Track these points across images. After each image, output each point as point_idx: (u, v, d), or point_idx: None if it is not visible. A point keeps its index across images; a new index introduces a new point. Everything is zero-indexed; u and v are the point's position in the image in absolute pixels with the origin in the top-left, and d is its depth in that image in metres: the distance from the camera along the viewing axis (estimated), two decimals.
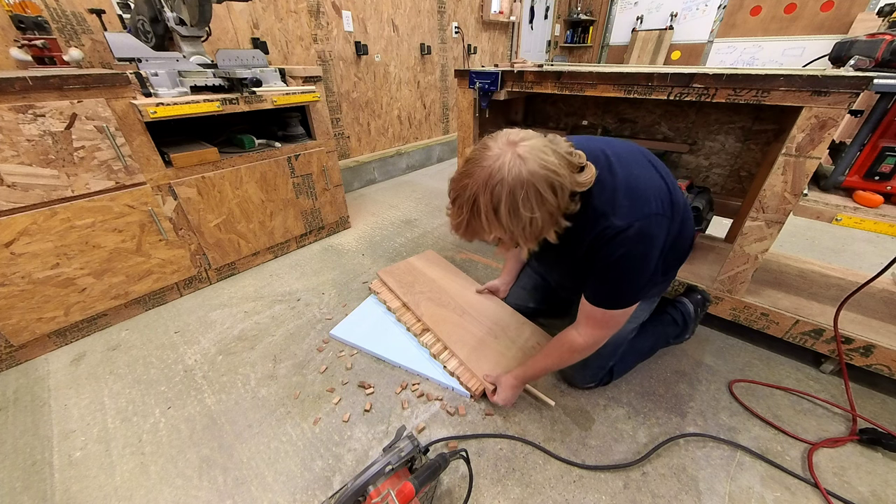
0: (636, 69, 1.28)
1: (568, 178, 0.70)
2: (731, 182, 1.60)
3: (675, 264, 1.05)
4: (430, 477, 0.75)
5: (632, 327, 1.10)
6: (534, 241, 0.75)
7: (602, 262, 0.79)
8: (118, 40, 1.32)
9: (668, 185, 0.83)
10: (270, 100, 1.57)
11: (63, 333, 1.37)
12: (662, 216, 0.78)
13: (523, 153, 0.66)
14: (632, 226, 0.74)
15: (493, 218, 0.68)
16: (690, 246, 1.05)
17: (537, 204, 0.66)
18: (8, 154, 1.10)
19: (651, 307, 1.13)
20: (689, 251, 1.06)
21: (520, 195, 0.65)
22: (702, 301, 1.27)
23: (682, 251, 1.02)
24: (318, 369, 1.26)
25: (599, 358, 1.09)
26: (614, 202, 0.76)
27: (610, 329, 0.89)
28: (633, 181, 0.78)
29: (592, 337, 0.90)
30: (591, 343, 0.91)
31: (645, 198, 0.77)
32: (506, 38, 4.14)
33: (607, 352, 1.08)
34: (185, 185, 1.47)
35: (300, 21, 2.25)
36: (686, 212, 0.95)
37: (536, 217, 0.67)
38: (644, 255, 0.77)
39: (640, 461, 0.96)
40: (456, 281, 1.60)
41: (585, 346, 0.91)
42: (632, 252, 0.76)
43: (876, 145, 1.00)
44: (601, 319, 0.86)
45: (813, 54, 3.99)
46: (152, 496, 0.91)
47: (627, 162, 0.82)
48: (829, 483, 0.91)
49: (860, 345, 1.10)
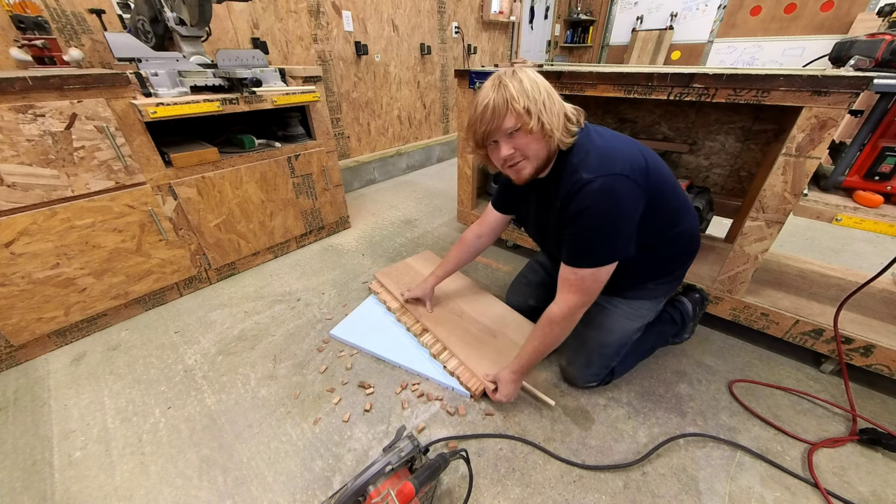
0: (636, 69, 1.28)
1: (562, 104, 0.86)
2: (731, 182, 1.60)
3: (680, 263, 1.06)
4: (430, 477, 0.75)
5: (637, 326, 1.10)
6: (548, 130, 0.82)
7: (571, 215, 0.85)
8: (118, 40, 1.32)
9: (648, 164, 0.87)
10: (270, 100, 1.57)
11: (63, 333, 1.37)
12: (628, 178, 0.81)
13: (515, 70, 0.83)
14: (596, 179, 0.80)
15: (519, 86, 0.80)
16: (695, 246, 1.06)
17: (546, 85, 0.82)
18: (8, 154, 1.10)
19: (657, 307, 1.12)
20: (695, 252, 1.06)
21: (536, 77, 0.82)
22: (700, 300, 1.27)
23: (686, 249, 1.03)
24: (318, 369, 1.26)
25: (603, 357, 1.10)
26: (586, 160, 0.84)
27: (582, 294, 0.90)
28: (608, 148, 0.85)
29: (567, 303, 0.92)
30: (567, 312, 0.92)
31: (614, 159, 0.83)
32: (506, 38, 4.14)
33: (611, 352, 1.10)
34: (185, 185, 1.47)
35: (300, 21, 2.25)
36: (684, 208, 0.97)
37: (552, 93, 0.82)
38: (609, 210, 0.82)
39: (640, 461, 0.96)
40: (455, 281, 1.60)
41: (562, 316, 0.93)
42: (597, 206, 0.81)
43: (876, 145, 1.00)
44: (573, 282, 0.90)
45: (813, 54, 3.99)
46: (152, 496, 0.91)
47: (610, 136, 0.90)
48: (829, 483, 0.91)
49: (860, 345, 1.10)
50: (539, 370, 1.24)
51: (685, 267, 1.08)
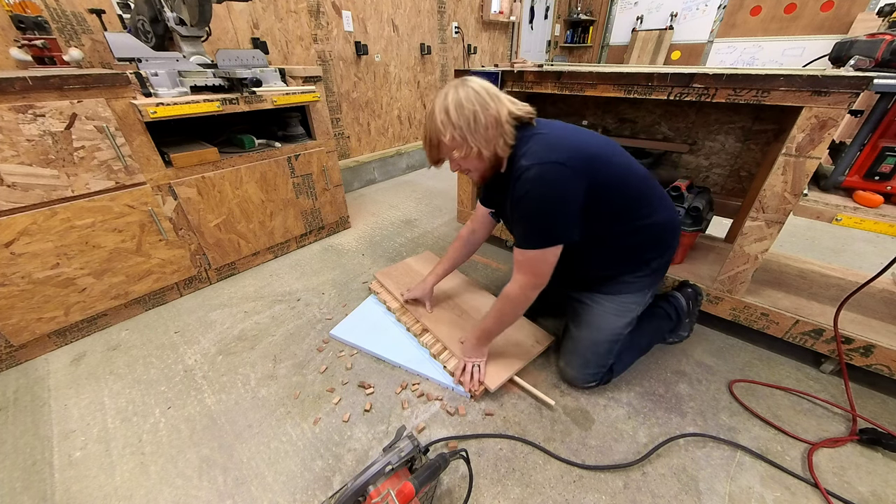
0: (636, 69, 1.28)
1: (506, 98, 0.92)
2: (731, 182, 1.60)
3: (656, 254, 1.06)
4: (430, 477, 0.75)
5: (625, 322, 1.10)
6: (485, 147, 0.90)
7: (514, 201, 0.92)
8: (118, 40, 1.32)
9: (595, 154, 0.91)
10: (270, 100, 1.57)
11: (63, 333, 1.37)
12: (564, 166, 0.86)
13: (465, 80, 0.92)
14: (533, 166, 0.86)
15: (444, 117, 0.89)
16: (669, 238, 1.07)
17: (477, 102, 0.87)
18: (8, 154, 1.10)
19: (643, 301, 1.12)
20: (670, 244, 1.08)
21: (462, 98, 0.88)
22: (693, 295, 1.27)
23: (658, 240, 1.05)
24: (318, 369, 1.26)
25: (598, 356, 1.11)
26: (530, 150, 0.89)
27: (532, 275, 0.95)
28: (552, 138, 0.91)
29: (518, 283, 0.98)
30: (519, 290, 0.98)
31: (553, 148, 0.88)
32: (506, 38, 4.14)
33: (604, 350, 1.10)
34: (185, 185, 1.47)
35: (300, 21, 2.25)
36: (654, 199, 1.01)
37: (478, 111, 0.87)
38: (545, 195, 0.87)
39: (640, 461, 0.96)
40: (454, 281, 1.60)
41: (515, 294, 0.99)
42: (534, 191, 0.87)
43: (876, 145, 1.00)
44: (522, 263, 0.96)
45: (813, 54, 3.99)
46: (152, 496, 0.91)
47: (560, 128, 0.95)
48: (829, 483, 0.91)
49: (860, 345, 1.10)
50: (539, 370, 1.24)
51: (663, 258, 1.08)
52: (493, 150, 0.92)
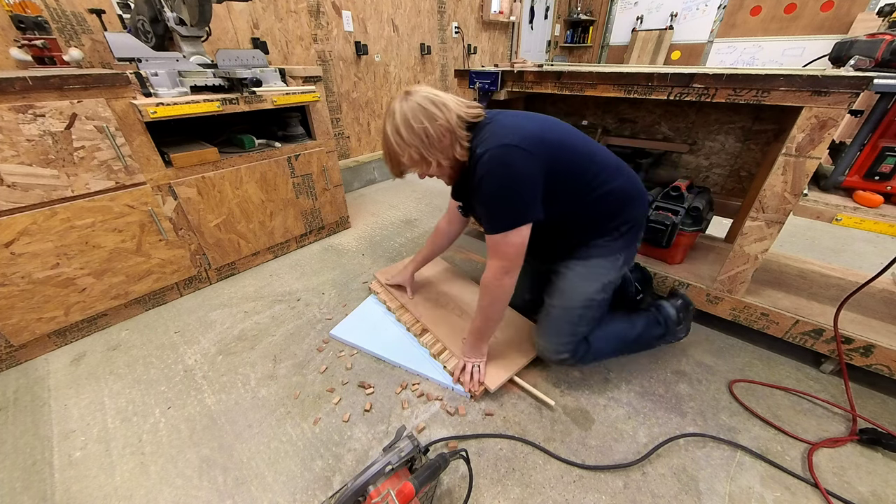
0: (636, 69, 1.28)
1: (453, 102, 0.93)
2: (731, 182, 1.60)
3: (622, 220, 1.06)
4: (430, 477, 0.75)
5: (596, 287, 1.07)
6: (443, 156, 0.94)
7: (474, 188, 0.94)
8: (118, 40, 1.32)
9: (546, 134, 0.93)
10: (270, 100, 1.57)
11: (63, 333, 1.37)
12: (517, 147, 0.88)
13: (410, 92, 0.93)
14: (486, 152, 0.89)
15: (398, 139, 0.92)
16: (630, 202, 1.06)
17: (425, 117, 0.89)
18: (8, 154, 1.10)
19: (615, 266, 1.09)
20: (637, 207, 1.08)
21: (409, 114, 0.90)
22: (683, 306, 1.23)
23: (622, 206, 1.05)
24: (318, 369, 1.26)
25: (570, 324, 1.09)
26: (484, 139, 0.92)
27: (502, 259, 0.96)
28: (503, 125, 0.94)
29: (491, 269, 0.99)
30: (492, 276, 0.99)
31: (504, 133, 0.90)
32: (506, 38, 4.14)
33: (576, 317, 1.08)
34: (185, 185, 1.47)
35: (300, 21, 2.25)
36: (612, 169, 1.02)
37: (428, 127, 0.89)
38: (501, 177, 0.89)
39: (640, 461, 0.96)
40: (454, 281, 1.60)
41: (489, 281, 1.00)
42: (490, 174, 0.89)
43: (876, 145, 1.00)
44: (491, 247, 0.97)
45: (813, 54, 3.99)
46: (152, 496, 0.91)
47: (511, 116, 0.97)
48: (829, 483, 0.91)
49: (860, 345, 1.10)
50: (539, 370, 1.24)
51: (630, 222, 1.06)
52: (451, 157, 0.95)
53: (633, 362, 1.27)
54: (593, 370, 1.24)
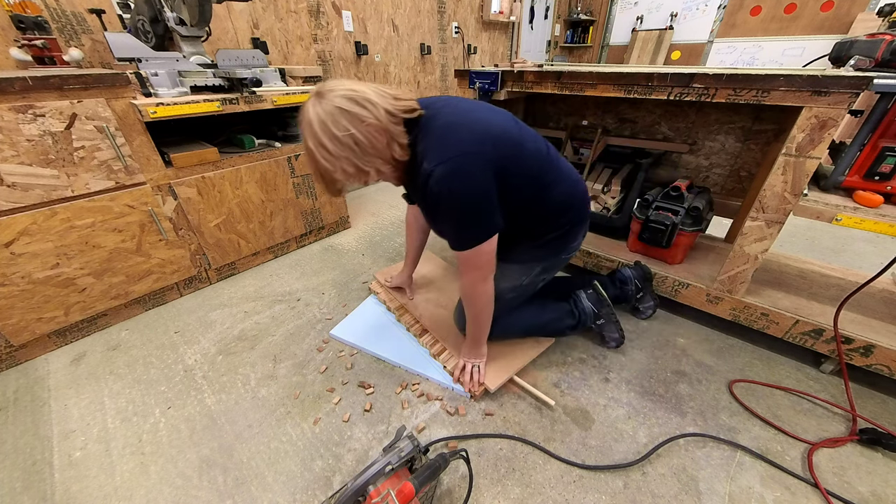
0: (636, 69, 1.28)
1: (377, 95, 0.79)
2: (731, 182, 1.60)
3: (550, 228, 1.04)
4: (430, 477, 0.75)
5: (507, 286, 1.09)
6: (381, 161, 0.83)
7: (430, 208, 0.87)
8: (118, 40, 1.32)
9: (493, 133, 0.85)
10: (270, 100, 1.57)
11: (63, 333, 1.37)
12: (467, 155, 0.80)
13: (321, 93, 0.77)
14: (438, 167, 0.78)
15: (325, 154, 0.77)
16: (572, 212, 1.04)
17: (349, 121, 0.76)
18: (8, 154, 1.10)
19: (530, 272, 1.11)
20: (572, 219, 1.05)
21: (329, 122, 0.75)
22: (595, 297, 1.25)
23: (559, 215, 1.02)
24: (318, 369, 1.26)
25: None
26: (428, 146, 0.82)
27: (474, 270, 0.93)
28: (445, 127, 0.83)
29: (464, 281, 0.96)
30: (470, 286, 0.96)
31: (451, 140, 0.81)
32: (506, 38, 4.14)
33: None
34: (185, 185, 1.47)
35: (300, 21, 2.25)
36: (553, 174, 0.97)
37: (355, 133, 0.76)
38: (460, 194, 0.81)
39: (640, 461, 0.96)
40: (454, 281, 1.60)
41: (468, 292, 0.98)
42: (449, 193, 0.80)
43: (876, 145, 1.00)
44: (462, 262, 0.93)
45: (813, 54, 3.99)
46: (152, 496, 0.91)
47: (450, 111, 0.86)
48: (829, 483, 0.91)
49: (860, 345, 1.10)
50: (539, 370, 1.24)
51: (564, 230, 1.05)
52: (390, 158, 0.84)
53: (633, 362, 1.27)
54: (593, 370, 1.24)
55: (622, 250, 1.58)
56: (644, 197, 1.47)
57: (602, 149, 1.75)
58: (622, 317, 1.46)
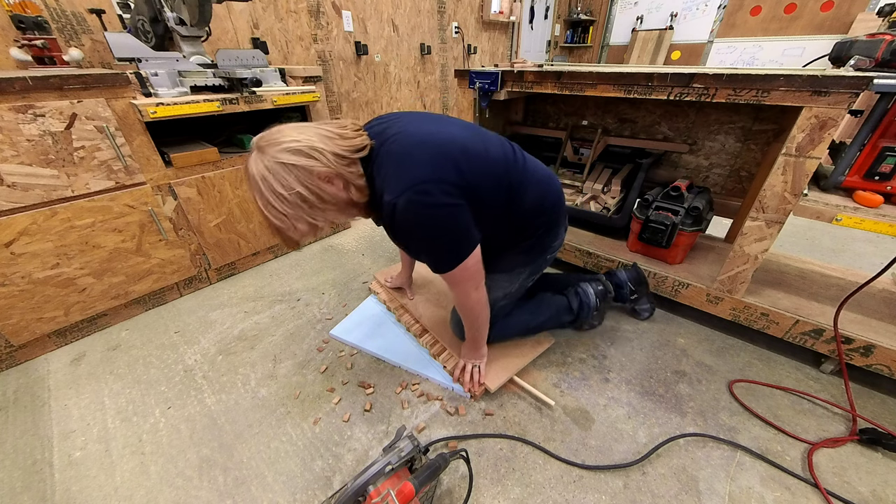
0: (636, 69, 1.28)
1: (320, 139, 0.73)
2: (731, 182, 1.60)
3: (525, 236, 1.04)
4: (430, 477, 0.75)
5: (497, 296, 1.10)
6: (335, 210, 0.79)
7: (402, 240, 0.85)
8: (118, 40, 1.32)
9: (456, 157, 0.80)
10: (270, 100, 1.57)
11: (63, 333, 1.37)
12: (430, 182, 0.75)
13: (262, 148, 0.72)
14: (399, 198, 0.74)
15: (276, 213, 0.73)
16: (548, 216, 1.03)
17: (295, 177, 0.71)
18: (8, 154, 1.10)
19: (516, 279, 1.12)
20: (550, 211, 1.03)
21: (271, 179, 0.70)
22: (603, 293, 1.29)
23: (528, 216, 1.00)
24: (318, 369, 1.26)
25: None
26: (386, 178, 0.77)
27: (462, 284, 0.91)
28: (401, 155, 0.78)
29: (459, 293, 0.95)
30: (464, 297, 0.95)
31: (413, 165, 0.76)
32: (506, 38, 4.14)
33: None
34: (185, 185, 1.47)
35: (300, 21, 2.25)
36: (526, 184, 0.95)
37: (301, 190, 0.72)
38: (427, 219, 0.77)
39: (640, 461, 0.96)
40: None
41: (463, 303, 0.97)
42: (417, 224, 0.78)
43: (876, 145, 1.00)
44: (449, 280, 0.91)
45: (813, 54, 3.99)
46: (152, 496, 0.91)
47: (405, 136, 0.81)
48: (829, 483, 0.91)
49: (860, 345, 1.10)
50: (539, 370, 1.24)
51: (540, 233, 1.05)
52: (345, 205, 0.81)
53: (633, 362, 1.27)
54: (593, 370, 1.24)
55: (622, 250, 1.58)
56: (644, 197, 1.47)
57: (602, 149, 1.75)
58: (621, 318, 1.47)
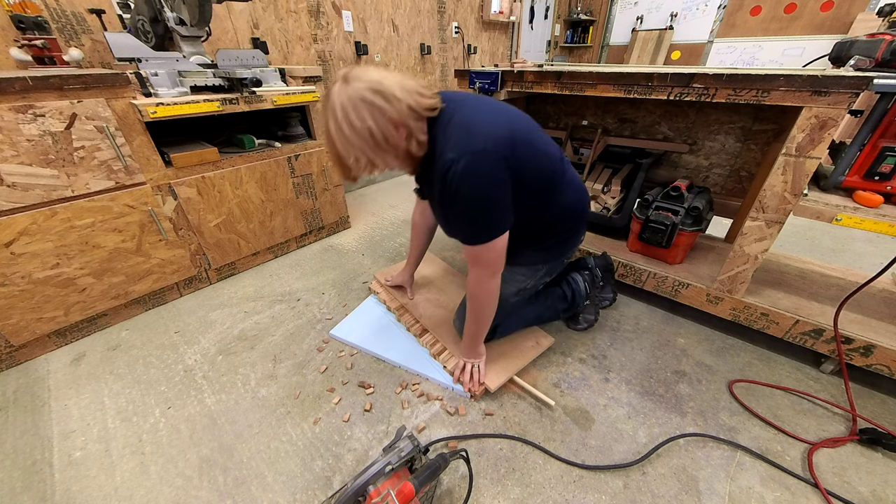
0: (636, 69, 1.28)
1: (401, 90, 0.79)
2: (731, 182, 1.60)
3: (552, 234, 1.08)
4: (430, 477, 0.75)
5: (512, 290, 1.14)
6: (393, 156, 0.85)
7: (448, 199, 0.85)
8: (118, 40, 1.32)
9: (515, 136, 0.86)
10: (270, 100, 1.57)
11: (63, 333, 1.37)
12: (492, 153, 0.81)
13: (348, 79, 0.78)
14: (460, 159, 0.79)
15: (342, 138, 0.79)
16: (575, 223, 1.11)
17: (369, 112, 0.77)
18: (8, 154, 1.10)
19: (534, 274, 1.15)
20: (574, 228, 1.11)
21: (349, 108, 0.77)
22: (591, 278, 1.32)
23: (561, 224, 1.06)
24: (318, 369, 1.26)
25: None
26: (451, 138, 0.83)
27: (483, 267, 0.93)
28: (469, 121, 0.84)
29: (473, 276, 0.96)
30: (475, 283, 0.97)
31: (475, 134, 0.82)
32: (506, 38, 4.14)
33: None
34: (185, 185, 1.47)
35: (300, 21, 2.25)
36: (563, 183, 1.01)
37: (372, 126, 0.78)
38: (479, 189, 0.82)
39: (640, 461, 0.96)
40: (454, 281, 1.60)
41: (475, 289, 0.98)
42: (467, 187, 0.81)
43: (876, 145, 1.00)
44: (472, 257, 0.93)
45: (813, 54, 3.99)
46: (152, 496, 0.91)
47: (473, 106, 0.88)
48: (829, 483, 0.91)
49: (860, 345, 1.10)
50: (539, 370, 1.24)
51: (565, 238, 1.11)
52: (404, 153, 0.86)
53: (633, 362, 1.27)
54: (593, 370, 1.24)
55: (622, 250, 1.58)
56: (644, 197, 1.47)
57: (602, 149, 1.75)
58: (621, 318, 1.47)
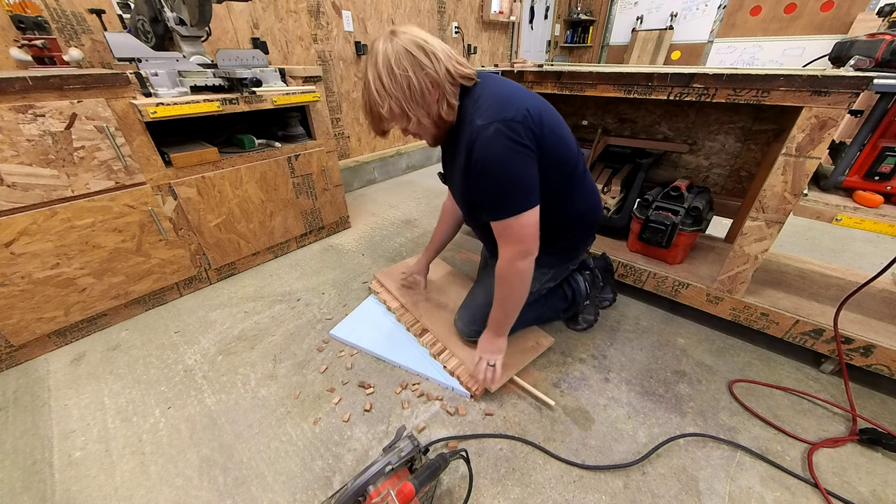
0: (636, 69, 1.28)
1: (443, 53, 0.83)
2: (731, 182, 1.60)
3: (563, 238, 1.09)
4: (430, 477, 0.75)
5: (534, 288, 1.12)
6: (425, 113, 0.86)
7: (476, 169, 0.85)
8: (118, 40, 1.32)
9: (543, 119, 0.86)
10: (270, 100, 1.57)
11: (63, 333, 1.37)
12: (521, 123, 0.81)
13: (396, 33, 0.82)
14: (490, 125, 0.80)
15: (379, 86, 0.82)
16: (585, 230, 1.13)
17: (410, 64, 0.80)
18: (8, 154, 1.10)
19: (540, 279, 1.15)
20: (583, 235, 1.14)
21: (392, 58, 0.80)
22: (592, 279, 1.31)
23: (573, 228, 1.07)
24: (318, 369, 1.26)
25: (485, 317, 1.11)
26: (481, 107, 0.84)
27: (516, 243, 0.90)
28: (502, 94, 0.86)
29: (504, 256, 0.93)
30: (506, 263, 0.94)
31: (507, 105, 0.82)
32: (506, 38, 4.13)
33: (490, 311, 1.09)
34: (185, 185, 1.47)
35: (300, 21, 2.25)
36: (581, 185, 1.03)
37: (412, 76, 0.80)
38: (512, 153, 0.82)
39: (640, 461, 0.96)
40: (454, 281, 1.60)
41: (505, 270, 0.95)
42: (495, 152, 0.81)
43: (876, 145, 1.00)
44: (502, 233, 0.91)
45: (813, 54, 3.99)
46: (152, 496, 0.91)
47: (506, 84, 0.90)
48: (829, 483, 0.91)
49: (860, 345, 1.10)
50: (539, 370, 1.24)
51: (570, 242, 1.11)
52: (436, 115, 0.87)
53: (633, 362, 1.27)
54: (593, 370, 1.24)
55: (622, 250, 1.58)
56: (644, 197, 1.47)
57: (602, 149, 1.75)
58: (621, 318, 1.47)
